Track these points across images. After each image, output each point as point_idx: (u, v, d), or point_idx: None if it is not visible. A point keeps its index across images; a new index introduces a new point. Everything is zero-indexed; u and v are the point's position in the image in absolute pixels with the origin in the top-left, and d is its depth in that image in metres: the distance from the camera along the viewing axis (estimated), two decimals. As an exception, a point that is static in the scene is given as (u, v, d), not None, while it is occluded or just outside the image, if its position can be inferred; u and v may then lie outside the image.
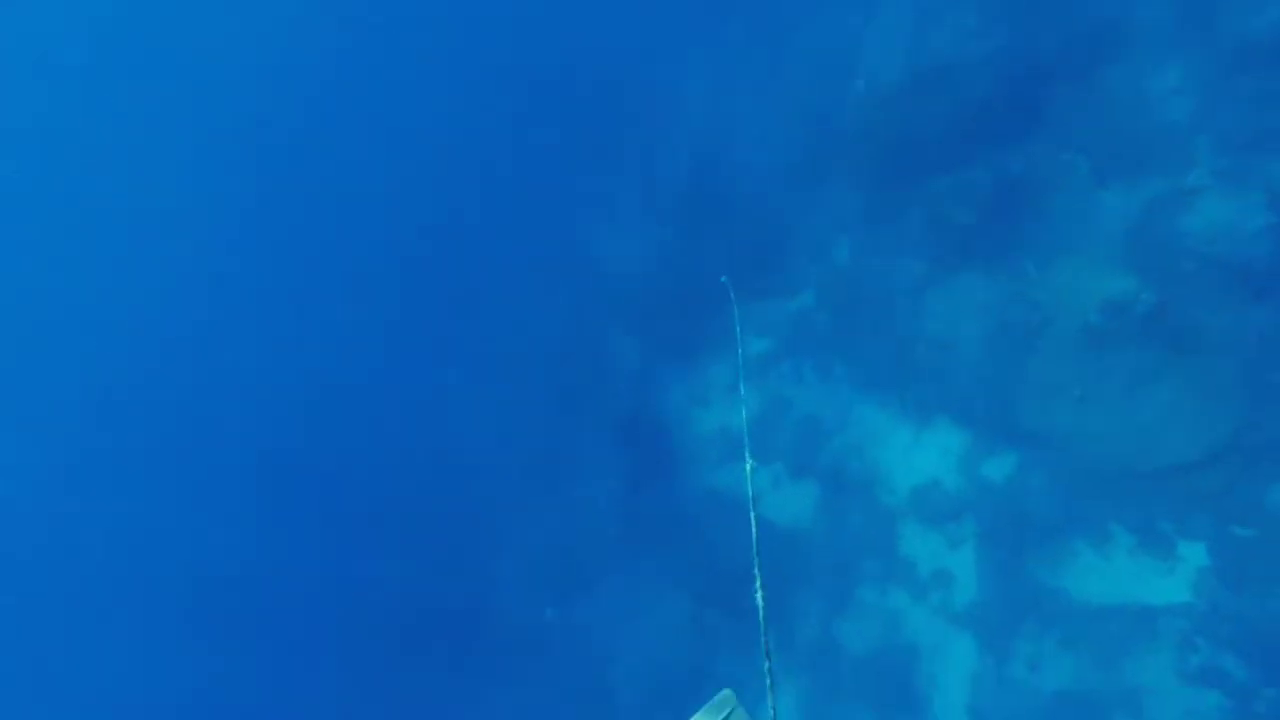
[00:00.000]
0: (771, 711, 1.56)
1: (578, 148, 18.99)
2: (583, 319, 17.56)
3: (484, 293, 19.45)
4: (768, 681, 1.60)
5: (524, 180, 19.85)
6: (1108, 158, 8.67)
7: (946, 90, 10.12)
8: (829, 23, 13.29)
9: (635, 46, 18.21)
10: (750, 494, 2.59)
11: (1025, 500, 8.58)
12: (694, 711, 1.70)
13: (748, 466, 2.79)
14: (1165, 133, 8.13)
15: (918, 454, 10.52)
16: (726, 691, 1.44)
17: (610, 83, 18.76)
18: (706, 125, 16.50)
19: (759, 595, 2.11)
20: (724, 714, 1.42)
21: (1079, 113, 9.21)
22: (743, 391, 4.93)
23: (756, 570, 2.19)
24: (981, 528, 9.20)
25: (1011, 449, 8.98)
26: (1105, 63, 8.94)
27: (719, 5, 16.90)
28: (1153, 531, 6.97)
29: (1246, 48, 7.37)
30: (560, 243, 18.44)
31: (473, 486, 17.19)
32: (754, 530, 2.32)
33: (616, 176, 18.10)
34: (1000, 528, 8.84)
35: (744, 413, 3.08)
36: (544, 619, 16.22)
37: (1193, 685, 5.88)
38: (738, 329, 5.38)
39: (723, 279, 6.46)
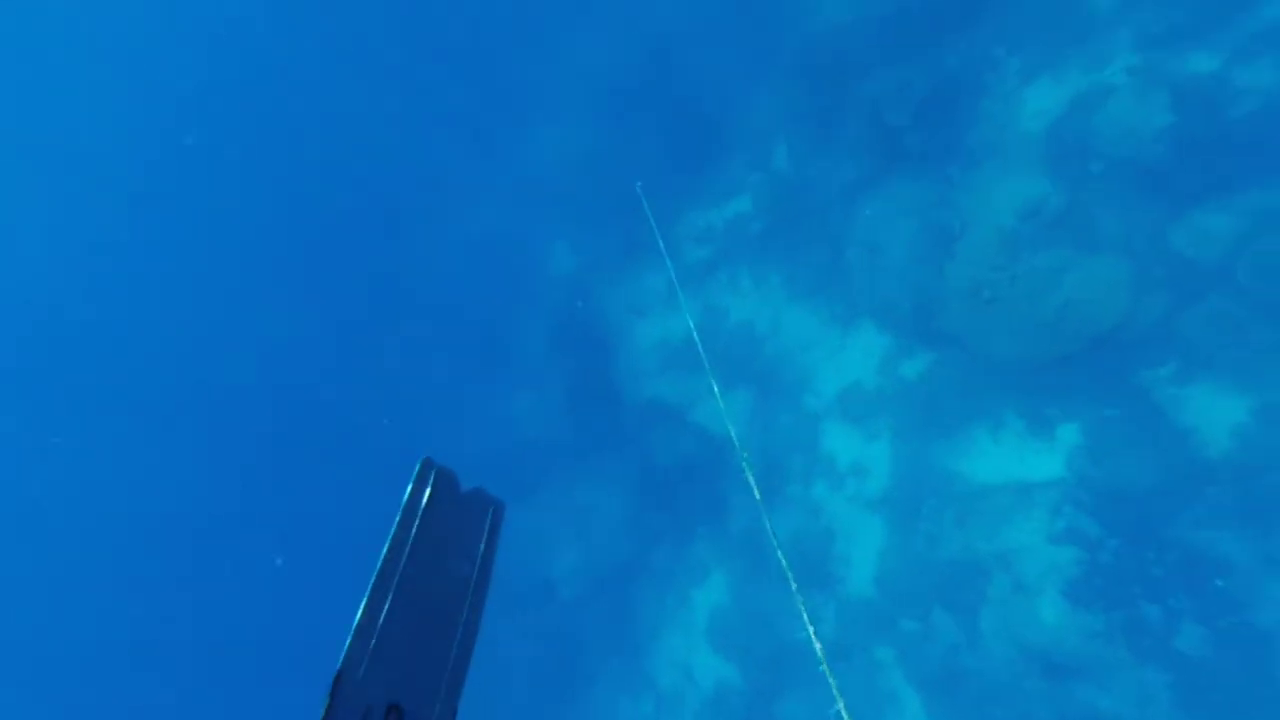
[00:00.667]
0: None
1: (514, 28, 17.39)
2: (515, 218, 16.91)
3: (410, 185, 18.20)
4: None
5: (457, 60, 18.13)
6: (1036, 52, 8.66)
7: (887, -17, 9.69)
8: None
9: None
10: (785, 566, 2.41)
11: (935, 396, 9.19)
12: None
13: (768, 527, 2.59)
14: (1090, 25, 8.13)
15: (843, 357, 10.99)
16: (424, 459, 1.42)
17: None
18: (647, 16, 15.40)
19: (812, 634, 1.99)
20: (428, 480, 1.41)
21: (1008, 9, 9.07)
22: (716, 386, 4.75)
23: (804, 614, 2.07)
24: (895, 422, 9.86)
25: (927, 349, 9.48)
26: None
27: None
28: (1039, 417, 7.66)
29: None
30: (491, 133, 17.27)
31: (406, 395, 16.97)
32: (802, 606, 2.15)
33: (554, 65, 16.83)
34: (912, 421, 9.51)
35: (732, 430, 2.82)
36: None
37: (1057, 544, 6.73)
38: (661, 244, 5.27)
39: (636, 185, 6.24)
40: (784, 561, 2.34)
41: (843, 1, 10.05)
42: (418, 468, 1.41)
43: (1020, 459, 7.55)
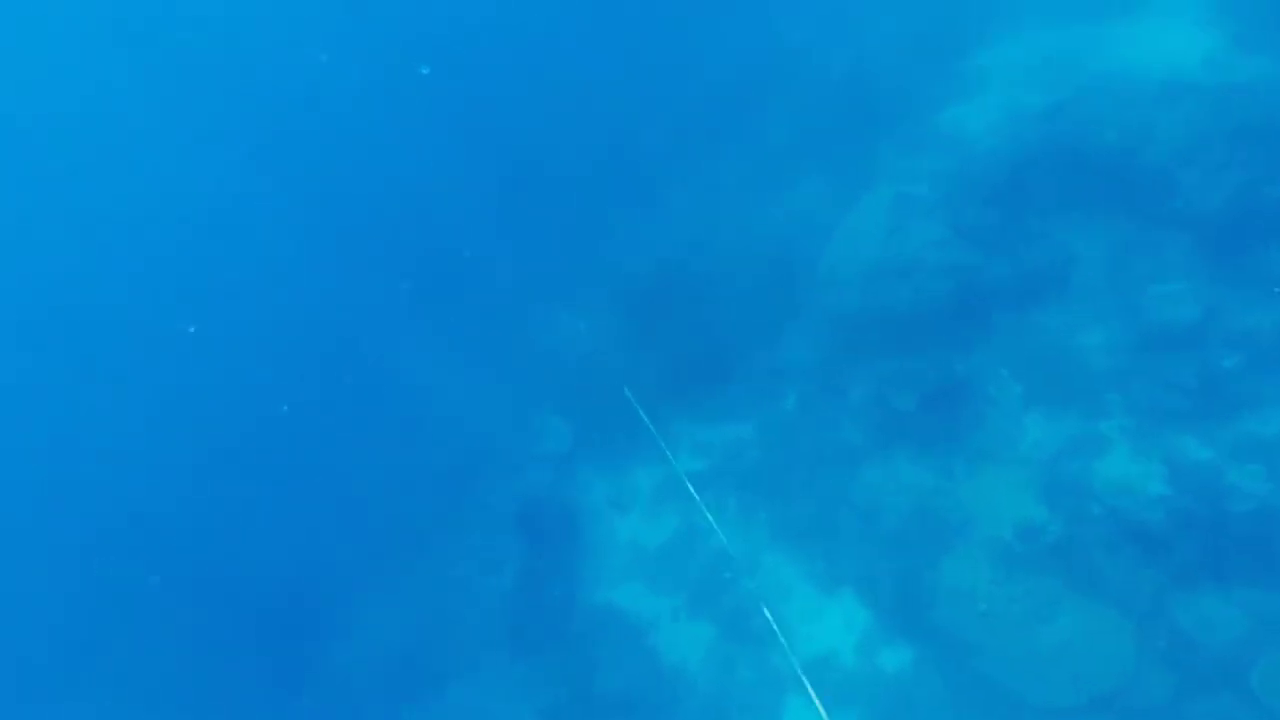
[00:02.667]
0: None
1: (550, 224, 19.03)
2: (516, 389, 16.91)
3: (422, 335, 18.39)
4: None
5: (497, 235, 19.43)
6: (1036, 385, 9.57)
7: (906, 284, 11.02)
8: (813, 191, 14.47)
9: (629, 150, 18.81)
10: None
11: (917, 701, 8.55)
12: None
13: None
14: (1086, 380, 9.10)
15: (820, 621, 10.44)
16: None
17: (598, 172, 19.16)
18: (683, 234, 17.08)
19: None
20: None
21: (1017, 338, 10.24)
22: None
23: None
24: (867, 716, 9.04)
25: (911, 643, 9.06)
26: (1045, 302, 10.09)
27: (715, 136, 17.97)
28: (1032, 767, 7.05)
29: (1161, 334, 8.55)
30: (511, 310, 17.96)
31: (341, 539, 15.43)
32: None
33: (584, 260, 18.16)
34: (889, 721, 8.73)
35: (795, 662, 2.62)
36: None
37: None
38: (662, 445, 5.19)
39: (625, 391, 6.35)
40: None
41: (866, 292, 11.29)
42: None
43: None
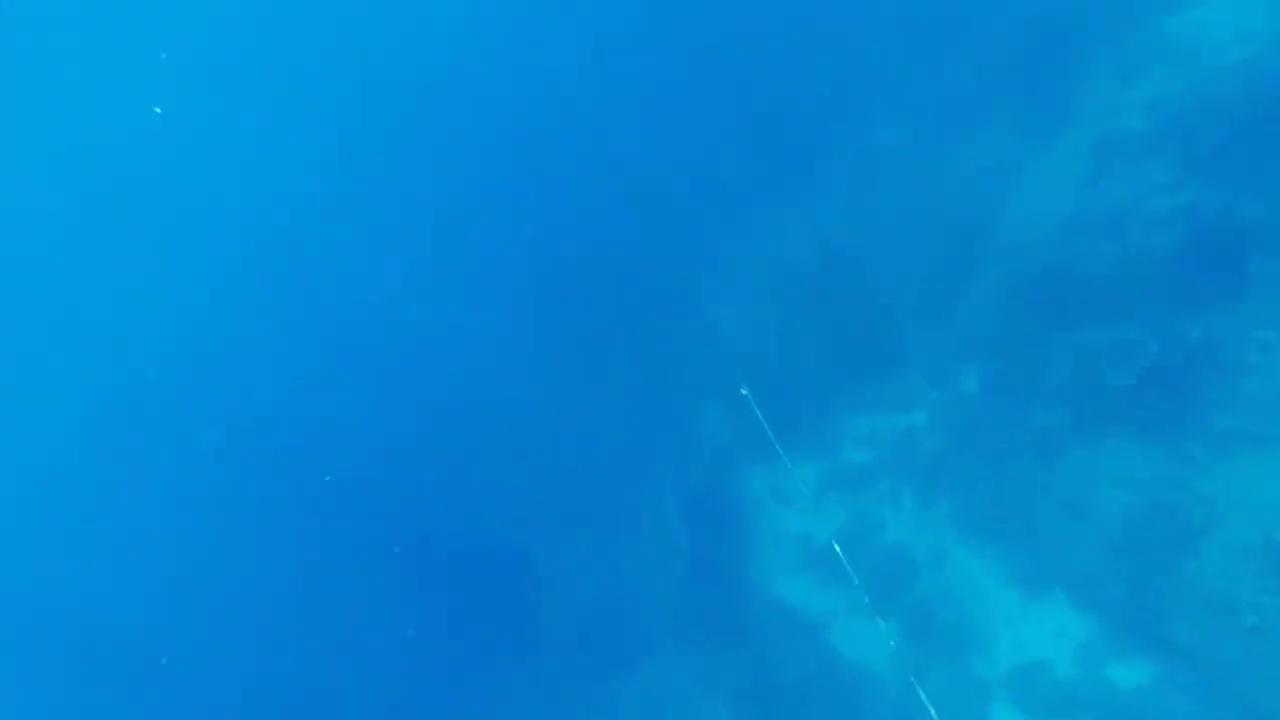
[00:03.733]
0: None
1: (716, 214, 18.80)
2: (679, 380, 17.23)
3: (591, 335, 19.27)
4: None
5: (658, 229, 19.57)
6: (1314, 348, 7.58)
7: (1116, 239, 9.36)
8: (993, 140, 12.82)
9: (796, 124, 17.86)
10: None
11: (1160, 722, 7.31)
12: None
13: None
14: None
15: (1026, 627, 9.35)
16: None
17: (761, 151, 18.57)
18: (844, 206, 16.02)
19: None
20: None
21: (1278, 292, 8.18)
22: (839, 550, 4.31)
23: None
24: (1095, 737, 7.93)
25: (1149, 658, 7.75)
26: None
27: (881, 106, 16.46)
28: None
29: None
30: (677, 300, 18.12)
31: (524, 530, 17.03)
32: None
33: (746, 249, 17.83)
34: (1122, 747, 7.57)
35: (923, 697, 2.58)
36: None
37: None
38: (778, 448, 4.97)
39: (743, 391, 6.08)
40: None
41: (1059, 252, 9.81)
42: None
43: None
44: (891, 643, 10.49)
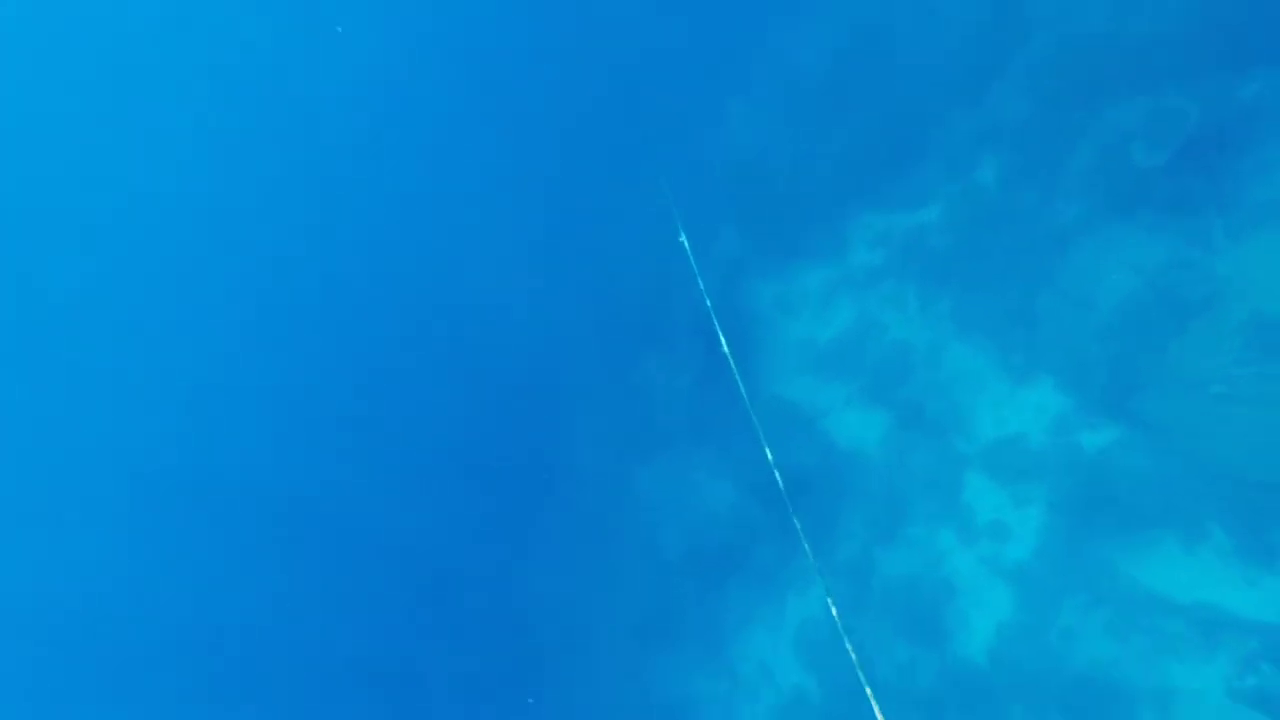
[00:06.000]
0: None
1: (721, 15, 16.60)
2: (692, 197, 16.58)
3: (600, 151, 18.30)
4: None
5: (658, 45, 17.67)
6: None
7: (1184, -15, 8.03)
8: None
9: None
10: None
11: (1117, 480, 8.18)
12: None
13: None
14: None
15: (1009, 408, 10.04)
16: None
17: None
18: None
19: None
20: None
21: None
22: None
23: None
24: (1056, 494, 8.96)
25: (1115, 425, 8.39)
26: None
27: None
28: (1257, 542, 6.57)
29: None
30: (689, 112, 16.82)
31: (558, 354, 17.94)
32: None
33: (757, 51, 15.97)
34: (1078, 499, 8.58)
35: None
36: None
37: (1239, 703, 5.88)
38: (738, 381, 5.03)
39: (679, 235, 5.81)
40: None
41: (1108, 8, 8.52)
42: None
43: (1217, 584, 6.59)
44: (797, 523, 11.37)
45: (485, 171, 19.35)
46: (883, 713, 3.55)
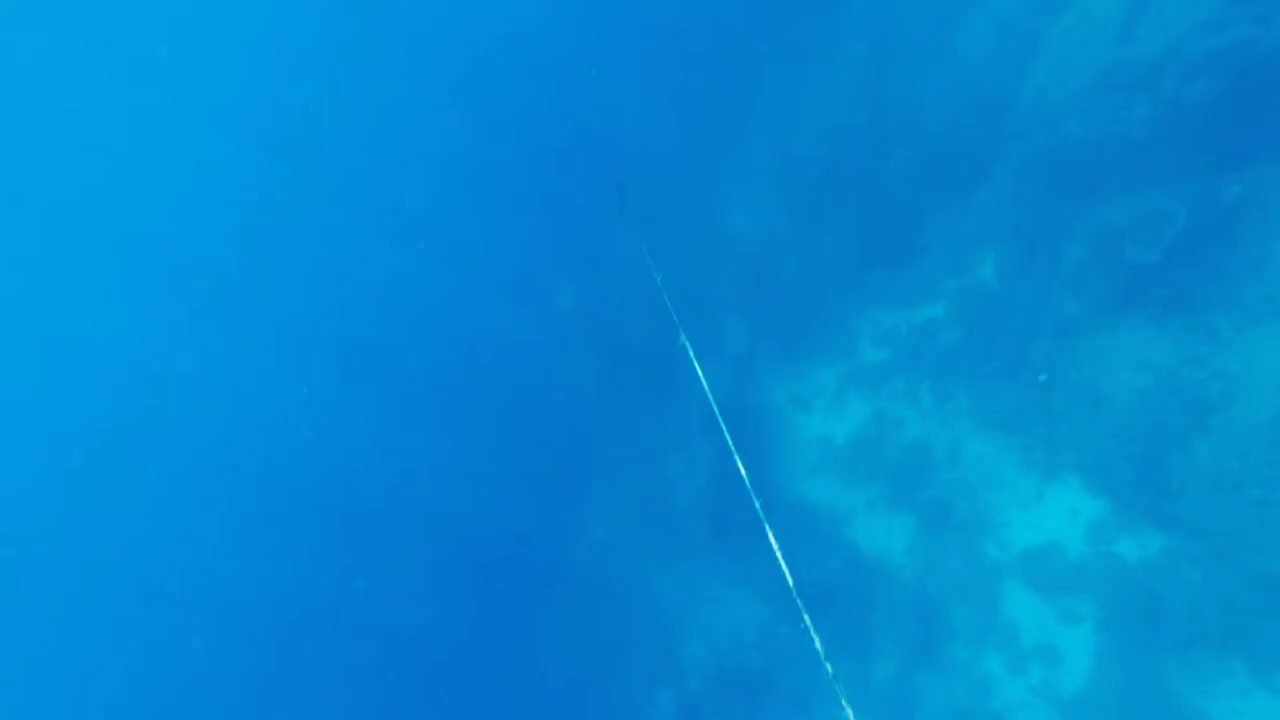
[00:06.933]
0: None
1: (720, 110, 17.71)
2: (698, 289, 16.92)
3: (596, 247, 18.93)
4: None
5: (655, 137, 18.70)
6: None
7: (1149, 94, 8.39)
8: (1009, 3, 11.39)
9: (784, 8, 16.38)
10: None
11: (1169, 594, 7.47)
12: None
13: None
14: None
15: (1040, 511, 9.46)
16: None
17: (759, 39, 17.12)
18: (857, 98, 14.87)
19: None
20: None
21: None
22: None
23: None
24: (1105, 611, 8.20)
25: (1158, 532, 7.79)
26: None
27: None
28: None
29: None
30: (687, 200, 17.50)
31: (570, 444, 17.87)
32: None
33: (758, 137, 16.85)
34: (1129, 616, 7.82)
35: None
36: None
37: None
38: (718, 416, 5.01)
39: (681, 340, 5.98)
40: None
41: (1088, 118, 8.89)
42: None
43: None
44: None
45: (486, 272, 20.13)
46: None
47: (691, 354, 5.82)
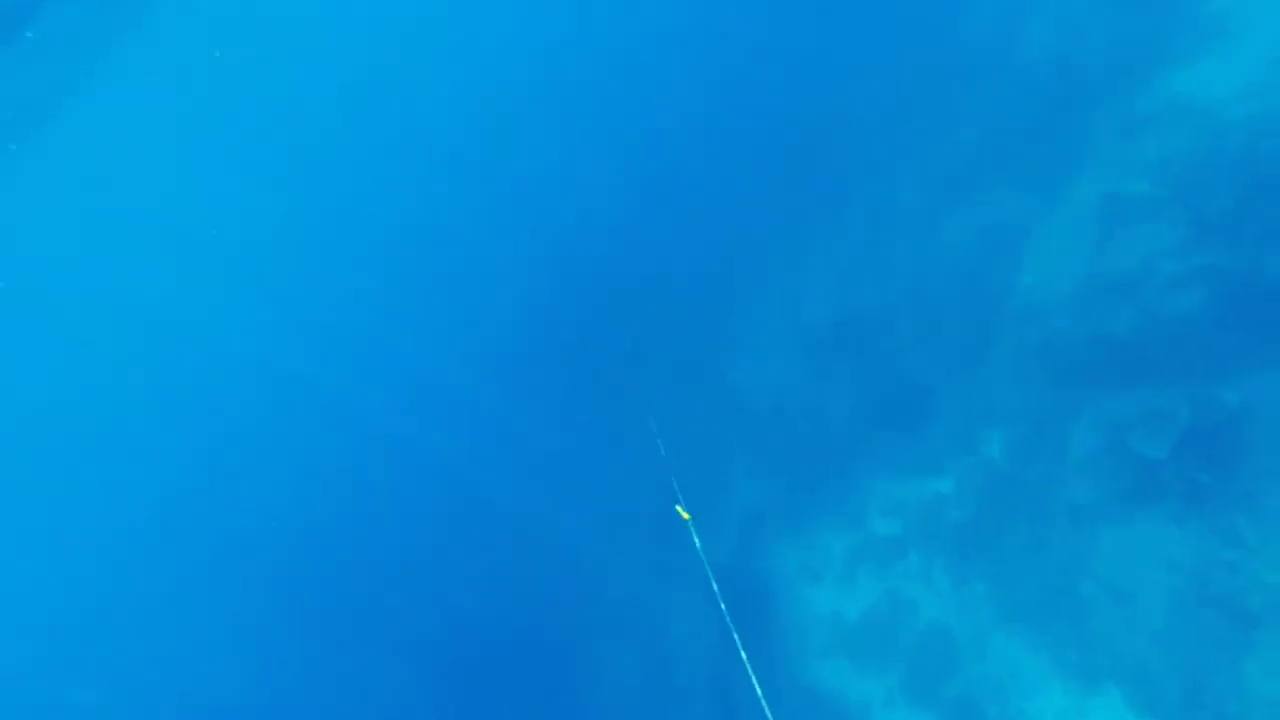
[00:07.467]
0: None
1: (735, 277, 18.77)
2: (705, 448, 16.85)
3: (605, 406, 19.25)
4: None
5: (676, 291, 19.57)
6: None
7: (1132, 302, 9.09)
8: (1006, 200, 12.79)
9: (794, 190, 18.10)
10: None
11: None
12: None
13: None
14: None
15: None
16: None
17: (778, 212, 18.60)
18: (861, 268, 15.86)
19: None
20: None
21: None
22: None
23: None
24: None
25: (1216, 766, 6.94)
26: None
27: (882, 164, 16.65)
28: None
29: None
30: (697, 366, 17.98)
31: (568, 611, 16.70)
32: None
33: (765, 313, 17.67)
34: None
35: None
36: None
37: None
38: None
39: (677, 507, 5.89)
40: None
41: (1078, 317, 9.56)
42: None
43: None
44: None
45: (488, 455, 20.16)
46: None
47: (690, 525, 5.71)
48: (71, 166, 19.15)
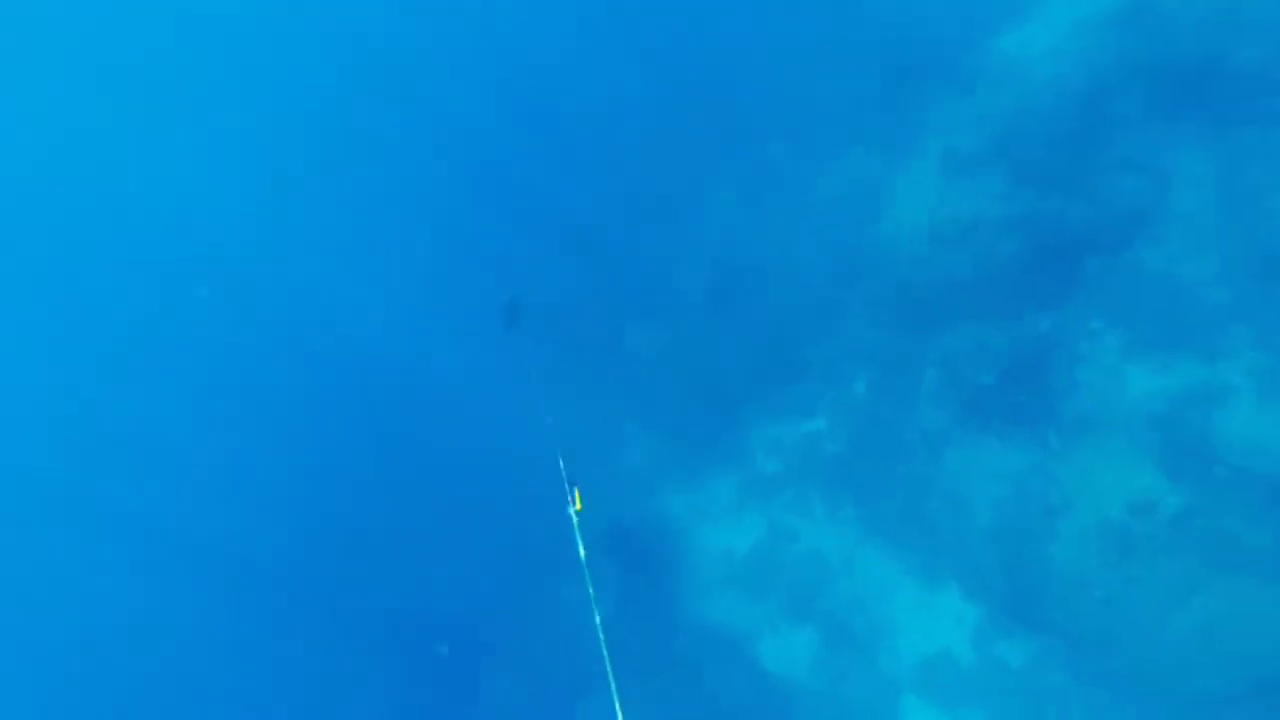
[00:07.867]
0: None
1: (614, 235, 18.81)
2: (597, 405, 16.95)
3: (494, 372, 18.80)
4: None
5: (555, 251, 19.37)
6: (1139, 333, 8.44)
7: (966, 248, 10.13)
8: (860, 159, 13.62)
9: (669, 156, 18.44)
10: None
11: (1047, 697, 7.80)
12: None
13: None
14: (1198, 319, 7.90)
15: (927, 617, 9.81)
16: None
17: (633, 182, 18.87)
18: (732, 229, 16.52)
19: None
20: None
21: (1108, 284, 9.09)
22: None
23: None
24: (996, 717, 8.37)
25: (1031, 635, 8.31)
26: (1139, 238, 8.89)
27: (750, 131, 17.21)
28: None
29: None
30: (577, 332, 17.98)
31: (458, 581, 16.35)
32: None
33: (645, 270, 17.91)
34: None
35: None
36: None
37: None
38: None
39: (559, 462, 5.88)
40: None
41: (924, 263, 10.51)
42: None
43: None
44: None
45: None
46: None
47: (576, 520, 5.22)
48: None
